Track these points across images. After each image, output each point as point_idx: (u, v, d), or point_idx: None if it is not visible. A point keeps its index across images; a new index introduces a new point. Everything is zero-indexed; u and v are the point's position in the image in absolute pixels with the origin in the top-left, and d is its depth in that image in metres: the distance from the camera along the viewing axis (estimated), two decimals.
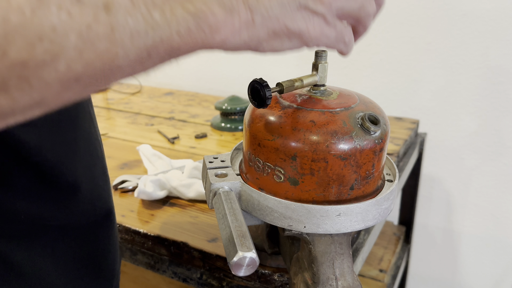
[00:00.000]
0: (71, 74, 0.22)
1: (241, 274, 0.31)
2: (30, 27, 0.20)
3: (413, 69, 1.09)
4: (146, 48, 0.24)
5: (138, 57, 0.24)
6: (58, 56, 0.21)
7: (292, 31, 0.30)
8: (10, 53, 0.20)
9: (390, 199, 0.42)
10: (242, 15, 0.27)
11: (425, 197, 1.17)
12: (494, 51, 1.00)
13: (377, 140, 0.39)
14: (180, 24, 0.25)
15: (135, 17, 0.23)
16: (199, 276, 0.55)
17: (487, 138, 1.06)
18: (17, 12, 0.20)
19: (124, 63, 0.24)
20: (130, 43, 0.23)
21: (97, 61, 0.23)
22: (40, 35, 0.20)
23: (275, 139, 0.38)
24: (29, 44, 0.20)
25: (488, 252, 1.14)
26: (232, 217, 0.36)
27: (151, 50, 0.24)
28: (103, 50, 0.23)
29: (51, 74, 0.22)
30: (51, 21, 0.21)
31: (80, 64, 0.22)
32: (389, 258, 0.97)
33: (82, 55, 0.22)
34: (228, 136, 0.95)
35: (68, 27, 0.21)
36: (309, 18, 0.30)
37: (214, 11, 0.26)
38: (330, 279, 0.38)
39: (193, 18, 0.25)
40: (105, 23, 0.22)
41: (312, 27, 0.30)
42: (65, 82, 0.22)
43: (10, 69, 0.20)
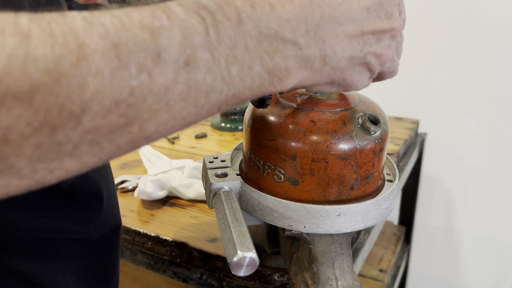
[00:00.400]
0: (142, 135, 0.21)
1: (241, 274, 0.31)
2: (108, 92, 0.19)
3: (413, 69, 1.09)
4: (218, 103, 0.24)
5: (209, 112, 0.24)
6: (133, 120, 0.20)
7: (347, 81, 0.31)
8: (84, 121, 0.18)
9: (390, 199, 0.42)
10: (314, 66, 0.27)
11: (425, 197, 1.17)
12: (494, 51, 1.00)
13: (377, 140, 0.39)
14: (255, 81, 0.24)
15: (213, 74, 0.22)
16: (199, 276, 0.55)
17: (487, 138, 1.05)
18: (96, 77, 0.18)
19: (195, 119, 0.24)
20: (204, 101, 0.23)
21: (170, 120, 0.22)
22: (117, 100, 0.19)
23: (275, 139, 0.38)
24: (104, 110, 0.19)
25: (488, 252, 1.14)
26: (232, 217, 0.36)
27: (222, 105, 0.24)
28: (177, 110, 0.22)
29: (123, 138, 0.21)
30: (130, 84, 0.19)
31: (153, 125, 0.21)
32: (389, 258, 0.97)
33: (156, 116, 0.21)
34: (228, 136, 0.95)
35: (146, 90, 0.20)
36: (364, 74, 0.31)
37: (289, 66, 0.26)
38: (330, 279, 0.38)
39: (268, 75, 0.25)
40: (184, 82, 0.21)
41: (362, 81, 0.32)
42: (135, 142, 0.22)
43: (82, 136, 0.19)
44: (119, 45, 0.19)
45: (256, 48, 0.24)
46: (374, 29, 0.30)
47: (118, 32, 0.19)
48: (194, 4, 0.23)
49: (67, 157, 0.19)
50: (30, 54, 0.17)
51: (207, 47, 0.22)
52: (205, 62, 0.22)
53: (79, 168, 0.20)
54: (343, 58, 0.29)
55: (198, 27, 0.22)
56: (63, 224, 0.36)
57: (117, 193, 0.67)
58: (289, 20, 0.25)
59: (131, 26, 0.20)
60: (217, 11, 0.23)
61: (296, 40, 0.26)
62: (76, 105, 0.18)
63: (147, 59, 0.20)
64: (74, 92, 0.18)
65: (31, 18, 0.17)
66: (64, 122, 0.18)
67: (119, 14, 0.20)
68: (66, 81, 0.17)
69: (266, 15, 0.24)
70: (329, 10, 0.27)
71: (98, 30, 0.19)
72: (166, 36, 0.20)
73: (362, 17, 0.29)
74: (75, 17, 0.19)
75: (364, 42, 0.29)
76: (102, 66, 0.18)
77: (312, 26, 0.26)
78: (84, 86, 0.18)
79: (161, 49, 0.20)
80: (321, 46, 0.27)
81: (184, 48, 0.21)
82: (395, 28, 0.31)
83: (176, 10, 0.22)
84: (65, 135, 0.18)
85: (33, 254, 0.35)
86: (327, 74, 0.29)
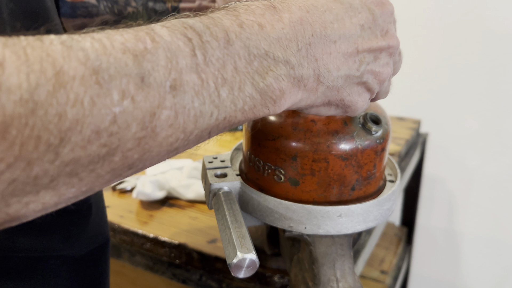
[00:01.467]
0: (125, 163, 0.20)
1: (241, 275, 0.31)
2: (88, 121, 0.17)
3: (414, 69, 1.09)
4: (208, 128, 0.23)
5: (198, 138, 0.23)
6: (116, 149, 0.19)
7: (345, 102, 0.30)
8: (62, 153, 0.17)
9: (392, 200, 0.41)
10: (308, 85, 0.27)
11: (427, 198, 1.17)
12: (496, 50, 0.99)
13: (379, 140, 0.38)
14: (246, 103, 0.23)
15: (201, 97, 0.21)
16: (199, 278, 0.55)
17: (489, 138, 1.05)
18: (74, 105, 0.17)
19: (183, 146, 0.22)
20: (193, 126, 0.22)
21: (156, 148, 0.21)
22: (98, 129, 0.18)
23: (276, 139, 0.38)
24: (85, 140, 0.18)
25: (490, 253, 1.13)
26: (232, 218, 0.35)
27: (212, 130, 0.23)
28: (164, 137, 0.21)
29: (104, 167, 0.19)
30: (112, 111, 0.18)
31: (137, 154, 0.20)
32: (391, 259, 0.96)
33: (140, 144, 0.20)
34: (228, 136, 0.94)
35: (130, 117, 0.19)
36: (362, 94, 0.31)
37: (282, 86, 0.25)
38: (331, 280, 0.38)
39: (260, 96, 0.24)
40: (170, 107, 0.20)
41: (361, 102, 0.31)
42: (118, 171, 0.20)
43: (59, 168, 0.18)
44: (100, 70, 0.18)
45: (246, 69, 0.23)
46: (370, 47, 0.29)
47: (98, 56, 0.18)
48: (180, 25, 0.22)
49: (43, 189, 0.18)
50: (3, 84, 0.15)
51: (194, 70, 0.21)
52: (193, 85, 0.21)
53: (57, 200, 0.19)
54: (338, 77, 0.28)
55: (184, 49, 0.21)
56: (45, 242, 0.34)
57: (116, 194, 0.67)
58: (279, 39, 0.25)
59: (113, 50, 0.19)
60: (204, 31, 0.22)
61: (288, 59, 0.25)
62: (54, 137, 0.17)
63: (130, 84, 0.19)
64: (52, 122, 0.16)
65: (4, 43, 0.16)
66: (40, 155, 0.17)
67: (100, 37, 0.19)
68: (43, 111, 0.16)
69: (255, 35, 0.24)
70: (320, 28, 0.26)
71: (78, 55, 0.17)
72: (150, 59, 0.19)
73: (356, 34, 0.28)
74: (53, 41, 0.17)
75: (360, 61, 0.29)
76: (82, 94, 0.17)
77: (303, 44, 0.26)
78: (62, 115, 0.17)
79: (145, 73, 0.19)
80: (314, 65, 0.26)
81: (170, 71, 0.20)
82: (392, 45, 0.30)
83: (160, 32, 0.21)
84: (42, 169, 0.17)
85: (13, 274, 0.33)
86: (323, 94, 0.28)
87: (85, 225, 0.38)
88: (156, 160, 0.22)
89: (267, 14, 0.25)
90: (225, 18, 0.23)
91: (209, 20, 0.23)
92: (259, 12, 0.25)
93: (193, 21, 0.22)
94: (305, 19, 0.26)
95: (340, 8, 0.28)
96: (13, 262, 0.32)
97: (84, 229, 0.37)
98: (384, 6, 0.30)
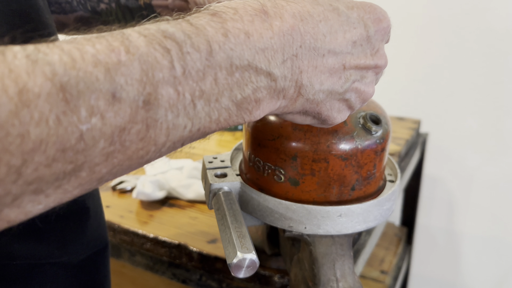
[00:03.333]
0: (94, 178, 0.19)
1: (241, 275, 0.31)
2: (53, 140, 0.16)
3: (414, 69, 1.09)
4: (181, 140, 0.22)
5: (170, 149, 0.22)
6: (82, 165, 0.18)
7: (322, 116, 0.29)
8: (25, 173, 0.16)
9: (392, 200, 0.41)
10: (288, 96, 0.26)
11: (427, 198, 1.17)
12: (496, 50, 0.99)
13: (379, 140, 0.38)
14: (222, 114, 0.22)
15: (176, 110, 0.20)
16: (199, 278, 0.55)
17: (489, 138, 1.05)
18: (38, 124, 0.16)
19: (154, 157, 0.21)
20: (165, 138, 0.21)
21: (125, 161, 0.20)
22: (64, 148, 0.17)
23: (276, 139, 0.38)
24: (49, 159, 0.17)
25: (490, 253, 1.13)
26: (232, 218, 0.35)
27: (185, 141, 0.22)
28: (134, 151, 0.20)
29: (71, 183, 0.18)
30: (79, 129, 0.17)
31: (105, 168, 0.19)
32: (391, 259, 0.96)
33: (108, 159, 0.19)
34: (228, 136, 0.94)
35: (98, 134, 0.18)
36: (342, 111, 0.30)
37: (260, 97, 0.24)
38: (331, 280, 0.38)
39: (236, 108, 0.23)
40: (142, 122, 0.19)
41: (339, 118, 0.30)
42: (86, 185, 0.19)
43: (23, 188, 0.17)
44: (68, 86, 0.17)
45: (226, 81, 0.22)
46: (358, 65, 0.28)
47: (67, 71, 0.17)
48: (159, 34, 0.20)
49: (7, 208, 0.17)
50: None
51: (171, 83, 0.20)
52: (168, 98, 0.20)
53: (23, 217, 0.18)
54: (320, 91, 0.27)
55: (162, 61, 0.20)
56: (41, 249, 0.33)
57: (116, 194, 0.67)
58: (265, 49, 0.23)
59: (83, 63, 0.17)
60: (185, 42, 0.21)
61: (271, 72, 0.24)
62: (16, 158, 0.16)
63: (99, 100, 0.17)
64: (13, 144, 0.15)
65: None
66: (2, 176, 0.16)
67: (70, 48, 0.18)
68: (3, 133, 0.15)
69: (240, 45, 0.22)
70: (311, 40, 0.25)
71: (44, 70, 0.16)
72: (123, 73, 0.18)
73: (347, 50, 0.27)
74: (17, 54, 0.16)
75: (346, 78, 0.28)
76: (47, 112, 0.16)
77: (289, 56, 0.24)
78: (25, 136, 0.16)
79: (117, 88, 0.18)
80: (298, 77, 0.25)
81: (144, 85, 0.19)
82: (379, 65, 0.30)
83: (136, 42, 0.19)
84: (3, 189, 0.16)
85: (9, 282, 0.32)
86: (301, 105, 0.27)
87: (83, 231, 0.37)
88: (127, 171, 0.21)
89: (257, 21, 0.24)
90: (209, 26, 0.22)
91: (191, 28, 0.21)
92: (247, 19, 0.23)
93: (173, 29, 0.21)
94: (296, 29, 0.25)
95: (336, 20, 0.27)
96: (8, 269, 0.32)
97: (81, 234, 0.37)
98: (381, 23, 0.29)
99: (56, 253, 0.35)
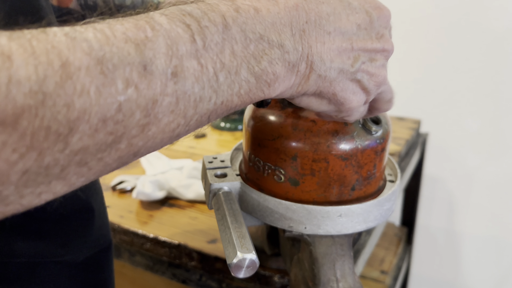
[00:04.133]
0: (131, 151, 0.21)
1: (241, 276, 0.31)
2: (95, 110, 0.18)
3: (415, 69, 1.09)
4: (207, 113, 0.23)
5: (198, 123, 0.23)
6: (121, 136, 0.19)
7: (337, 98, 0.29)
8: (71, 142, 0.18)
9: (392, 200, 0.41)
10: (301, 71, 0.27)
11: (427, 198, 1.17)
12: (496, 50, 0.99)
13: (379, 140, 0.38)
14: (242, 87, 0.24)
15: (201, 82, 0.22)
16: (199, 278, 0.55)
17: (489, 138, 1.05)
18: (81, 95, 0.17)
19: (184, 131, 0.23)
20: (194, 111, 0.22)
21: (159, 134, 0.21)
22: (105, 118, 0.18)
23: (275, 139, 0.38)
24: (92, 129, 0.18)
25: (490, 253, 1.13)
26: (232, 218, 0.35)
27: (211, 114, 0.24)
28: (166, 123, 0.21)
29: (111, 155, 0.20)
30: (117, 100, 0.18)
31: (141, 140, 0.21)
32: (391, 259, 0.96)
33: (144, 131, 0.20)
34: (228, 136, 0.94)
35: (134, 105, 0.19)
36: (357, 93, 0.30)
37: (276, 70, 0.25)
38: (331, 280, 0.38)
39: (255, 79, 0.24)
40: (172, 94, 0.21)
41: (356, 102, 0.30)
42: (123, 159, 0.21)
43: (69, 158, 0.18)
44: (104, 60, 0.18)
45: (242, 53, 0.23)
46: (365, 47, 0.29)
47: (102, 47, 0.18)
48: (178, 12, 0.22)
49: (55, 179, 0.18)
50: (13, 76, 0.16)
51: (194, 55, 0.21)
52: (193, 71, 0.21)
53: (67, 189, 0.20)
54: (331, 68, 0.28)
55: (184, 35, 0.21)
56: (44, 247, 0.34)
57: (116, 194, 0.67)
58: (274, 23, 0.25)
59: (115, 39, 0.19)
60: (203, 17, 0.22)
61: (282, 43, 0.25)
62: (63, 126, 0.17)
63: (133, 73, 0.19)
64: (60, 113, 0.17)
65: (10, 36, 0.16)
66: (51, 145, 0.17)
67: (102, 27, 0.19)
68: (52, 102, 0.16)
69: (251, 19, 0.24)
70: (316, 17, 0.27)
71: (82, 46, 0.18)
72: (151, 47, 0.20)
73: (352, 32, 0.28)
74: (57, 33, 0.18)
75: (354, 58, 0.29)
76: (88, 84, 0.17)
77: (297, 30, 0.26)
78: (70, 106, 0.17)
79: (147, 62, 0.20)
80: (308, 51, 0.26)
81: (171, 58, 0.20)
82: (387, 48, 0.30)
83: (159, 20, 0.21)
84: (53, 158, 0.17)
85: (11, 280, 0.32)
86: (315, 83, 0.28)
87: (86, 229, 0.37)
88: (160, 146, 0.23)
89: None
90: (221, 3, 0.24)
91: (206, 6, 0.23)
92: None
93: (190, 7, 0.23)
94: (300, 6, 0.26)
95: (338, 3, 0.28)
96: (11, 267, 0.32)
97: (85, 233, 0.37)
98: (381, 11, 0.30)
99: (60, 251, 0.35)
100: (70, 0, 0.48)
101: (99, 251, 0.39)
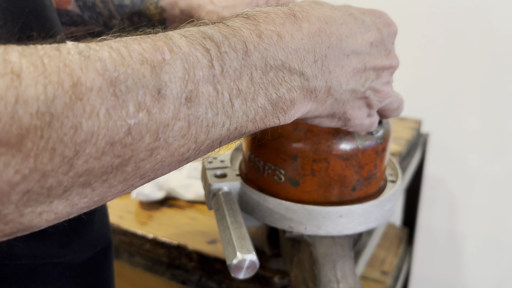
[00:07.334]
0: (137, 174, 0.20)
1: (241, 276, 0.31)
2: (103, 133, 0.17)
3: (416, 69, 1.08)
4: (219, 138, 0.23)
5: (209, 148, 0.23)
6: (129, 160, 0.19)
7: (347, 115, 0.30)
8: (76, 165, 0.17)
9: (393, 200, 0.41)
10: (319, 97, 0.27)
11: (428, 198, 1.16)
12: (498, 49, 0.99)
13: (380, 140, 0.38)
14: (258, 113, 0.23)
15: (215, 108, 0.21)
16: (198, 279, 0.54)
17: (490, 138, 1.05)
18: (90, 117, 0.17)
19: (194, 156, 0.22)
20: (205, 136, 0.21)
21: (167, 158, 0.21)
22: (113, 141, 0.18)
23: (276, 139, 0.37)
24: (99, 152, 0.17)
25: (491, 253, 1.13)
26: (232, 219, 0.35)
27: (223, 140, 0.23)
28: (176, 147, 0.20)
29: (117, 178, 0.19)
30: (127, 123, 0.18)
31: (149, 164, 0.20)
32: (392, 260, 0.96)
33: (152, 154, 0.20)
34: None
35: (144, 129, 0.19)
36: (362, 109, 0.31)
37: (294, 97, 0.25)
38: (332, 281, 0.37)
39: (272, 107, 0.24)
40: (184, 118, 0.20)
41: (360, 116, 0.31)
42: (130, 181, 0.20)
43: (73, 179, 0.18)
44: (117, 82, 0.18)
45: (261, 80, 0.23)
46: (375, 65, 0.29)
47: (116, 67, 0.18)
48: (199, 35, 0.21)
49: (56, 199, 0.18)
50: (21, 96, 0.15)
51: (210, 81, 0.21)
52: (208, 96, 0.21)
53: (69, 211, 0.19)
54: (346, 90, 0.28)
55: (202, 60, 0.21)
56: (44, 248, 0.33)
57: None
58: (298, 50, 0.25)
59: (131, 60, 0.18)
60: (223, 42, 0.22)
61: (303, 71, 0.25)
62: (69, 149, 0.17)
63: (146, 96, 0.18)
64: (67, 135, 0.16)
65: (21, 53, 0.16)
66: (55, 167, 0.17)
67: (118, 46, 0.19)
68: (59, 124, 0.16)
69: (274, 45, 0.24)
70: (337, 41, 0.27)
71: (95, 66, 0.17)
72: (167, 71, 0.19)
73: (366, 51, 0.29)
74: (70, 50, 0.17)
75: (366, 77, 0.29)
76: (98, 106, 0.17)
77: (320, 56, 0.26)
78: (78, 128, 0.16)
79: (162, 86, 0.19)
80: (327, 77, 0.27)
81: (186, 83, 0.20)
82: (393, 65, 0.31)
83: (179, 42, 0.20)
84: (56, 180, 0.17)
85: (11, 282, 0.32)
86: (330, 106, 0.28)
87: (86, 230, 0.37)
88: (168, 170, 0.22)
89: (287, 23, 0.25)
90: (244, 27, 0.23)
91: (227, 29, 0.23)
92: (279, 21, 0.25)
93: (212, 30, 0.22)
94: (323, 31, 0.26)
95: (354, 23, 0.28)
96: (11, 269, 0.32)
97: (85, 233, 0.37)
98: (390, 28, 0.31)
99: (60, 252, 0.35)
100: (68, 2, 0.48)
101: (99, 250, 0.39)
